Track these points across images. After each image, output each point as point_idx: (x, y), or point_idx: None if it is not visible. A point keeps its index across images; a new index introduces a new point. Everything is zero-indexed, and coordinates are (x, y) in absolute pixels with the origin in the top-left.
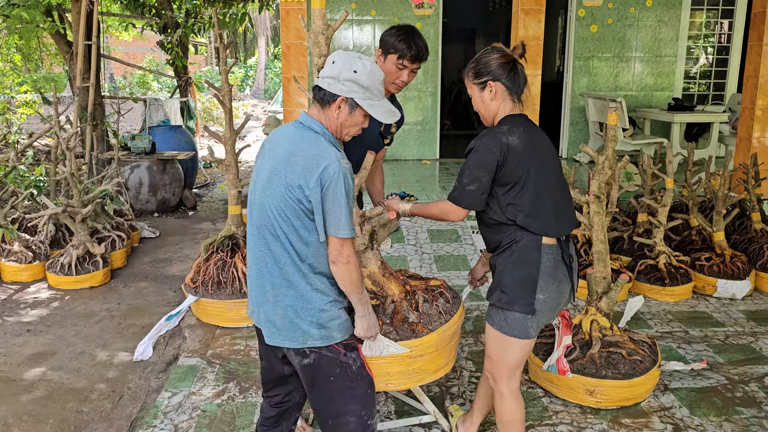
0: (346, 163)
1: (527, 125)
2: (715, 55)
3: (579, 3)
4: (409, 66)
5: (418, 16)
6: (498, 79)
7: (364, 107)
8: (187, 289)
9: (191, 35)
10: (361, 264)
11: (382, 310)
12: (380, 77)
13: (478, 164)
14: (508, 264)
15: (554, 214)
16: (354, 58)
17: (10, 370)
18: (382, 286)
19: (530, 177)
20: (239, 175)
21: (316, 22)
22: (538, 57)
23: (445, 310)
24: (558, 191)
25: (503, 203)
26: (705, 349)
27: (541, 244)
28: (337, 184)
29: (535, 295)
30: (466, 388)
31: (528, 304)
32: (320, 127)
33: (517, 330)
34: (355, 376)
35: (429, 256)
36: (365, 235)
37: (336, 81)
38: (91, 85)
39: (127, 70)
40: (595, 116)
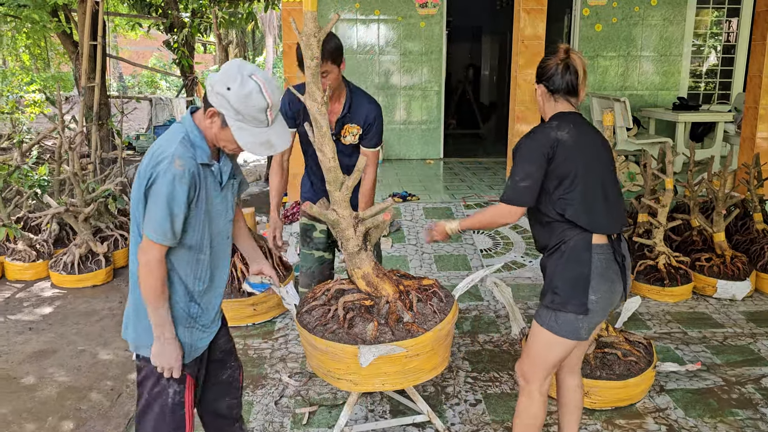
0: (180, 165)
1: (578, 122)
2: (721, 54)
3: (584, 2)
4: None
5: (422, 16)
6: (540, 81)
7: (232, 130)
8: None
9: (197, 35)
10: (356, 265)
11: (376, 310)
12: (257, 105)
13: (528, 159)
14: (558, 265)
15: (605, 210)
16: (237, 73)
17: (11, 368)
18: (376, 287)
19: (580, 172)
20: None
21: (308, 25)
22: (540, 56)
23: (439, 309)
24: (609, 188)
25: (554, 198)
26: (703, 350)
27: (591, 243)
28: (162, 182)
29: (588, 296)
30: (461, 388)
31: (581, 305)
32: (191, 125)
33: (568, 331)
34: (166, 408)
35: (429, 256)
36: (359, 237)
37: (212, 90)
38: (96, 84)
39: (136, 69)
40: (599, 116)
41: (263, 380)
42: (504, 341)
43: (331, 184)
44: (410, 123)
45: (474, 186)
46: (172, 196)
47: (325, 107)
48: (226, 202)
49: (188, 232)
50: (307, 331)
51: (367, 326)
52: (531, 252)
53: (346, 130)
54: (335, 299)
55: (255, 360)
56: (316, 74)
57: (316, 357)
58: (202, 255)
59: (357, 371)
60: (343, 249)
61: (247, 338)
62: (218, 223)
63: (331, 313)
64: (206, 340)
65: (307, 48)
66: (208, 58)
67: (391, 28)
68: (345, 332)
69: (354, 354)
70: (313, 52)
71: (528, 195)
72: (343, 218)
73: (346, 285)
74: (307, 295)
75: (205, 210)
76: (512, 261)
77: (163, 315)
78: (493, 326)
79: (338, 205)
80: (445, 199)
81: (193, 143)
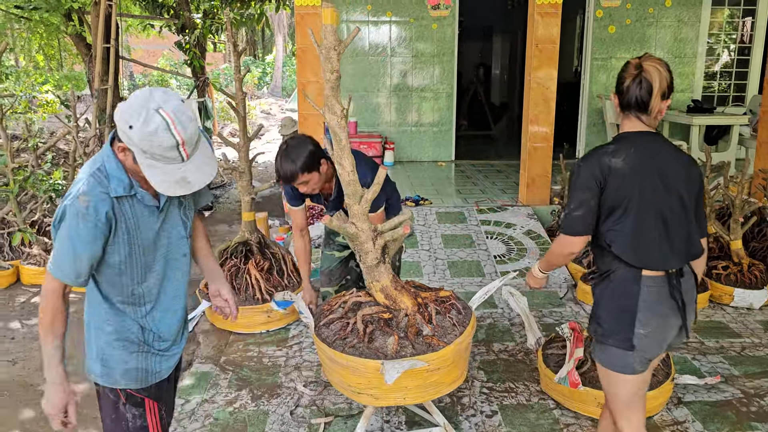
0: (85, 202)
1: (643, 145)
2: (736, 56)
3: (597, 4)
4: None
5: (434, 17)
6: (616, 92)
7: (142, 168)
8: (201, 294)
9: (209, 35)
10: (374, 278)
11: (395, 323)
12: (165, 144)
13: (580, 187)
14: (604, 294)
15: (660, 245)
16: (141, 108)
17: (28, 374)
18: (394, 300)
19: (633, 203)
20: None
21: (328, 38)
22: (554, 60)
23: (458, 322)
24: (672, 220)
25: (604, 228)
26: (720, 360)
27: (640, 276)
28: (67, 218)
29: (634, 330)
30: (477, 399)
31: (625, 339)
32: (108, 154)
33: (618, 365)
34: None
35: (443, 262)
36: (378, 250)
37: (118, 123)
38: (109, 87)
39: (147, 68)
40: (612, 118)
41: (278, 389)
42: (519, 350)
43: (350, 197)
44: (422, 125)
45: (487, 190)
46: (76, 234)
47: (344, 120)
48: (171, 223)
49: (117, 263)
50: (327, 346)
51: (388, 340)
52: None
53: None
54: (353, 312)
55: (270, 368)
56: (335, 87)
57: (335, 371)
58: (141, 283)
59: (378, 386)
60: (361, 262)
61: (261, 345)
62: (158, 248)
63: (350, 327)
64: (168, 363)
65: (327, 61)
66: (218, 56)
67: (403, 29)
68: (365, 346)
69: (375, 369)
70: (332, 65)
71: (581, 224)
72: (362, 231)
73: (363, 297)
74: (323, 307)
75: (130, 241)
76: (526, 267)
77: (50, 353)
78: (508, 335)
79: (357, 219)
80: (457, 204)
81: (108, 175)
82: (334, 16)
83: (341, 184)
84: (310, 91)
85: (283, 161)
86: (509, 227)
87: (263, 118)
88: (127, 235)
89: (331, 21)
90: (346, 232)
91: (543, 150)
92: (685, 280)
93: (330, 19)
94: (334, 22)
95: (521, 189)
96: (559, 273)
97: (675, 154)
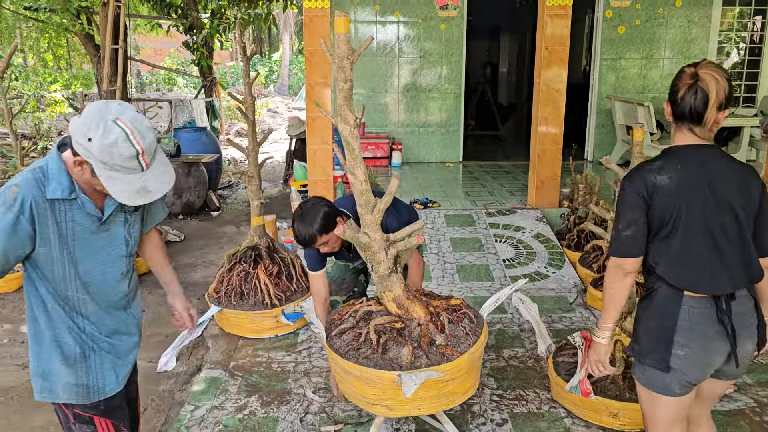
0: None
1: (691, 158)
2: (747, 56)
3: (606, 4)
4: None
5: (443, 18)
6: (669, 101)
7: (101, 179)
8: (210, 299)
9: (216, 35)
10: (386, 288)
11: (408, 333)
12: (125, 154)
13: (627, 206)
14: (644, 312)
15: (709, 265)
16: (99, 120)
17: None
18: (407, 309)
19: (681, 219)
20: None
21: (341, 47)
22: (564, 62)
23: (471, 331)
24: (725, 238)
25: (652, 247)
26: None
27: (682, 296)
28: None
29: (672, 351)
30: (487, 407)
31: (661, 360)
32: (54, 157)
33: (657, 386)
34: None
35: (451, 266)
36: (390, 259)
37: (74, 138)
38: (117, 88)
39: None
40: (622, 119)
41: (287, 395)
42: (529, 357)
43: (363, 207)
44: (429, 125)
45: (495, 192)
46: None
47: (356, 130)
48: (113, 241)
49: (49, 268)
50: (340, 356)
51: (402, 351)
52: (554, 263)
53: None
54: (364, 322)
55: (279, 374)
56: (348, 96)
57: (349, 382)
58: (73, 294)
59: (393, 396)
60: (373, 272)
61: (270, 351)
62: (96, 262)
63: (363, 337)
64: (112, 376)
65: (340, 70)
66: (224, 54)
67: (411, 30)
68: (380, 357)
69: (391, 380)
70: (346, 74)
71: (633, 245)
72: (374, 241)
73: (374, 306)
74: (333, 316)
75: (62, 247)
76: (535, 272)
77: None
78: (518, 340)
79: (369, 228)
80: (466, 206)
81: (48, 175)
82: (347, 24)
83: (354, 194)
84: (317, 93)
85: (301, 226)
86: (518, 230)
87: (270, 117)
88: (59, 239)
89: (344, 30)
90: (359, 241)
91: (552, 152)
92: (738, 303)
93: (343, 28)
94: (347, 31)
95: (530, 191)
96: (569, 278)
97: (729, 165)
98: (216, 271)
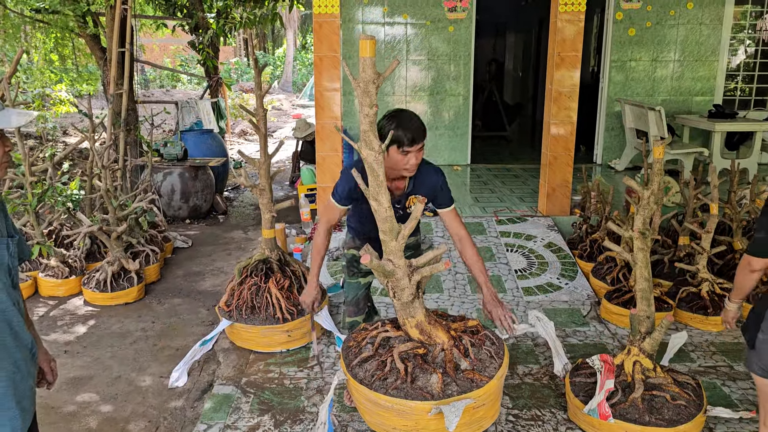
0: None
1: None
2: (759, 58)
3: (617, 6)
4: (411, 150)
5: (451, 20)
6: None
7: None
8: (221, 312)
9: (222, 35)
10: (409, 314)
11: (431, 358)
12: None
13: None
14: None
15: None
16: None
17: (49, 396)
18: (429, 335)
19: None
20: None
21: (367, 71)
22: (576, 67)
23: (494, 353)
24: None
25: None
26: (751, 386)
27: None
28: None
29: (758, 331)
30: (503, 428)
31: (750, 339)
32: None
33: (749, 362)
34: None
35: (462, 277)
36: (413, 285)
37: None
38: (124, 91)
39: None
40: (632, 123)
41: (301, 414)
42: (544, 374)
43: (386, 233)
44: (437, 128)
45: (505, 198)
46: None
47: (381, 156)
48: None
49: None
50: (366, 388)
51: (431, 379)
52: (567, 273)
53: (410, 201)
54: (383, 348)
55: (291, 391)
56: (373, 122)
57: (376, 413)
58: None
59: (426, 426)
60: (396, 299)
61: (282, 366)
62: None
63: (388, 366)
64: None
65: (365, 95)
66: (228, 50)
67: (419, 32)
68: (409, 387)
69: (424, 410)
70: (371, 99)
71: (764, 247)
72: (399, 268)
73: (392, 332)
74: (348, 343)
75: None
76: (548, 283)
77: None
78: (532, 356)
79: (394, 255)
80: (476, 213)
81: None
82: (372, 47)
83: (378, 221)
84: (326, 99)
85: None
86: (529, 239)
87: (275, 114)
88: None
89: (370, 53)
90: (384, 270)
91: (564, 159)
92: None
93: (369, 51)
94: (373, 54)
95: (541, 199)
96: (582, 290)
97: None
98: (224, 279)
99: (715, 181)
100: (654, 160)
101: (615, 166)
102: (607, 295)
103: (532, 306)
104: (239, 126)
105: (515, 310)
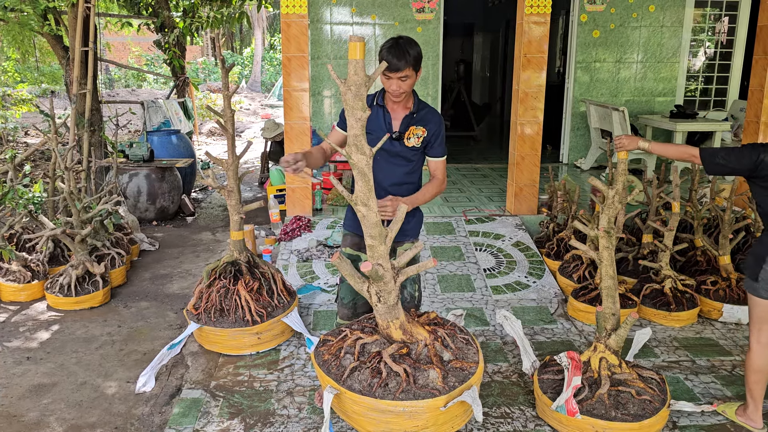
0: None
1: None
2: (717, 60)
3: (581, 8)
4: (392, 76)
5: (419, 21)
6: None
7: None
8: (189, 315)
9: (188, 34)
10: (394, 316)
11: (416, 356)
12: None
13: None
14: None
15: None
16: None
17: (10, 404)
18: (411, 333)
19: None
20: (241, 199)
21: (358, 74)
22: (542, 68)
23: (468, 341)
24: None
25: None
26: (713, 380)
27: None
28: None
29: (762, 268)
30: (473, 426)
31: (752, 273)
32: None
33: (750, 288)
34: None
35: (432, 276)
36: (397, 287)
37: None
38: (88, 91)
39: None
40: (596, 123)
41: (271, 417)
42: (513, 371)
43: (375, 239)
44: None
45: (473, 197)
46: None
47: (371, 160)
48: None
49: None
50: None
51: (429, 375)
52: (534, 272)
53: (410, 132)
54: (363, 354)
55: (261, 393)
56: (364, 126)
57: (383, 421)
58: None
59: (435, 422)
60: (381, 303)
61: (251, 368)
62: None
63: (384, 372)
64: None
65: (357, 98)
66: (195, 49)
67: (387, 32)
68: (414, 387)
69: (435, 408)
70: (363, 103)
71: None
72: (387, 272)
73: (366, 337)
74: (322, 357)
75: None
76: (516, 281)
77: None
78: (501, 354)
79: (383, 259)
80: (445, 213)
81: None
82: (362, 50)
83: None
84: (294, 99)
85: (396, 49)
86: (498, 238)
87: (244, 115)
88: None
89: (360, 56)
90: (377, 275)
91: (530, 159)
92: None
93: (359, 54)
94: (363, 57)
95: (509, 198)
96: (549, 287)
97: None
98: (192, 281)
99: (676, 180)
100: (618, 160)
101: (581, 165)
102: (573, 292)
103: (500, 304)
104: (207, 126)
105: (484, 309)
